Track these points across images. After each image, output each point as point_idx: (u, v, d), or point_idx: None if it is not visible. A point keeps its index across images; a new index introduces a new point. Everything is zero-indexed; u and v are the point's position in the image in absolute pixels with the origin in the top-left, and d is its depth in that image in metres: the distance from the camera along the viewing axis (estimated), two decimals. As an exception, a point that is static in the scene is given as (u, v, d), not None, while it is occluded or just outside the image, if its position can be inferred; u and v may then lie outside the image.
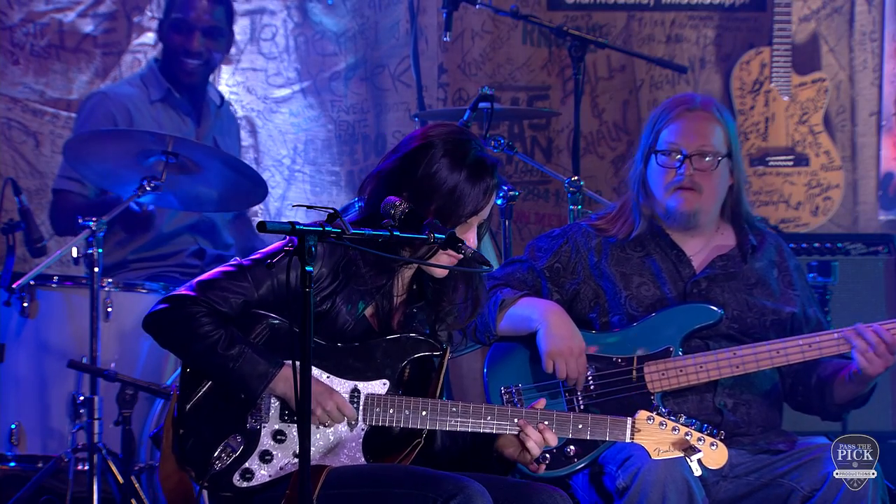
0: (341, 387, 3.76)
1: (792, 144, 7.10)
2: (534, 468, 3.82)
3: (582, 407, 4.47)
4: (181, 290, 3.71)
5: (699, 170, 4.52)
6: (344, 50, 7.04)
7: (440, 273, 3.83)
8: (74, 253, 5.29)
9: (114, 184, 5.61)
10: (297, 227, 3.36)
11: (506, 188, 5.44)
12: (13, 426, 5.42)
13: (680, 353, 4.47)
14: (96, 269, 5.26)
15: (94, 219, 5.26)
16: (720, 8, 7.20)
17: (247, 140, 6.99)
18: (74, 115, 6.72)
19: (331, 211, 3.48)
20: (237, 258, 3.84)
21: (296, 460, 3.68)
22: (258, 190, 5.69)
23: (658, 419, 3.82)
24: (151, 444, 5.27)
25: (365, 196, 3.84)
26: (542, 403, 3.83)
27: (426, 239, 3.63)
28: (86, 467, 5.20)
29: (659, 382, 4.44)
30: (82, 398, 5.25)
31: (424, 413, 3.75)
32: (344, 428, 3.76)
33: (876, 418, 5.91)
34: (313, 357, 3.39)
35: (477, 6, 6.12)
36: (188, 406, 3.70)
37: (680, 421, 3.83)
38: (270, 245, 3.82)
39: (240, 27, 6.88)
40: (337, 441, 3.75)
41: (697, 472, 3.85)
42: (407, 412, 3.75)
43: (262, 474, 3.70)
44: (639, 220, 4.60)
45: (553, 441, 3.78)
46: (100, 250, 5.27)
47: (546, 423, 3.78)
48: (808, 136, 7.10)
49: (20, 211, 5.54)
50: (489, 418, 3.77)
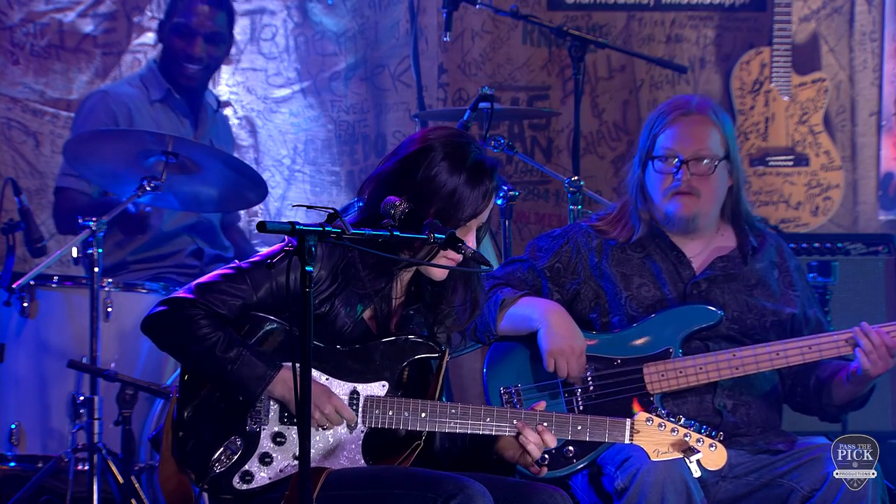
0: (340, 389, 3.76)
1: (792, 144, 7.10)
2: (535, 470, 3.82)
3: (581, 407, 4.47)
4: (179, 293, 3.71)
5: (696, 174, 4.52)
6: (344, 50, 7.03)
7: (439, 275, 3.82)
8: (74, 253, 5.29)
9: (114, 184, 5.61)
10: (297, 228, 3.36)
11: (506, 188, 5.43)
12: (13, 426, 5.42)
13: (680, 354, 4.46)
14: (96, 269, 5.26)
15: (94, 219, 5.26)
16: (720, 8, 7.20)
17: (247, 140, 6.98)
18: (74, 115, 6.73)
19: (331, 211, 3.48)
20: (236, 261, 3.84)
21: (295, 462, 3.68)
22: (258, 190, 5.68)
23: (657, 420, 3.82)
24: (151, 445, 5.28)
25: (364, 198, 3.83)
26: (542, 406, 3.83)
27: (426, 239, 3.62)
28: (86, 467, 5.20)
29: (658, 383, 4.44)
30: (82, 398, 5.25)
31: (424, 415, 3.75)
32: (343, 430, 3.75)
33: (876, 418, 5.91)
34: (312, 359, 3.39)
35: (477, 6, 6.11)
36: (187, 408, 3.70)
37: (679, 422, 3.82)
38: (272, 247, 3.82)
39: (240, 27, 6.88)
40: (336, 443, 3.74)
41: (697, 474, 3.84)
42: (406, 414, 3.75)
43: (262, 476, 3.70)
44: (638, 225, 4.60)
45: (552, 443, 3.78)
46: (100, 250, 5.27)
47: (545, 425, 3.77)
48: (808, 136, 7.09)
49: (20, 211, 5.54)
50: (488, 420, 3.77)
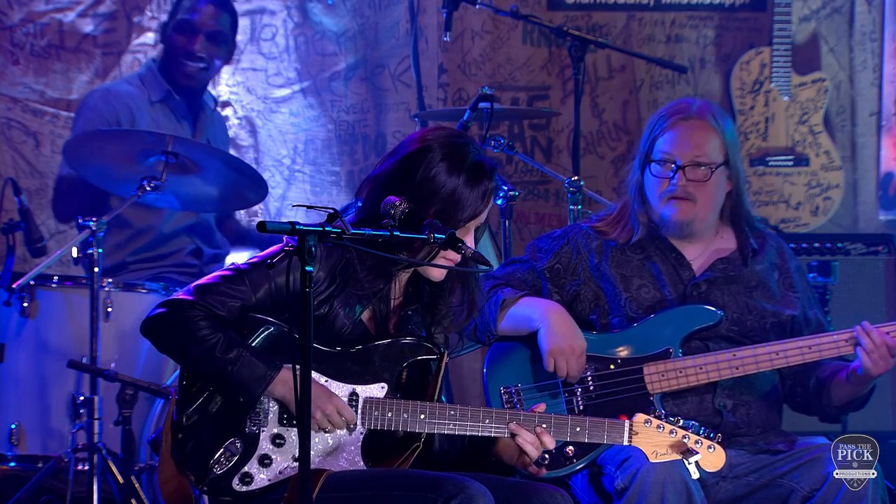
0: (339, 391, 3.75)
1: (792, 144, 7.09)
2: (534, 471, 3.82)
3: (581, 407, 4.46)
4: (179, 295, 3.70)
5: (693, 180, 4.51)
6: (344, 50, 7.03)
7: (438, 276, 3.81)
8: (74, 253, 5.29)
9: (114, 184, 5.61)
10: (297, 228, 3.36)
11: (506, 188, 5.43)
12: (13, 426, 5.42)
13: (680, 355, 4.46)
14: (96, 269, 5.26)
15: (94, 219, 5.26)
16: (720, 8, 7.20)
17: (247, 140, 6.98)
18: (74, 115, 6.73)
19: (331, 211, 3.47)
20: (234, 262, 3.84)
21: (295, 464, 3.67)
22: (258, 190, 5.69)
23: (655, 422, 3.81)
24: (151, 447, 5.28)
25: (362, 198, 3.83)
26: (542, 408, 3.83)
27: (426, 239, 3.62)
28: (86, 467, 5.20)
29: (658, 384, 4.44)
30: (82, 398, 5.25)
31: (423, 416, 3.74)
32: (343, 432, 3.75)
33: (876, 418, 5.91)
34: (312, 361, 3.39)
35: (477, 6, 6.11)
36: (187, 410, 3.69)
37: (677, 423, 3.82)
38: (270, 248, 3.81)
39: (240, 27, 6.87)
40: (336, 445, 3.74)
41: (695, 476, 3.83)
42: (405, 415, 3.75)
43: (262, 478, 3.69)
44: (638, 226, 4.59)
45: (550, 444, 3.77)
46: (100, 250, 5.27)
47: (543, 427, 3.77)
48: (808, 136, 7.09)
49: (20, 211, 5.54)
50: (487, 421, 3.76)
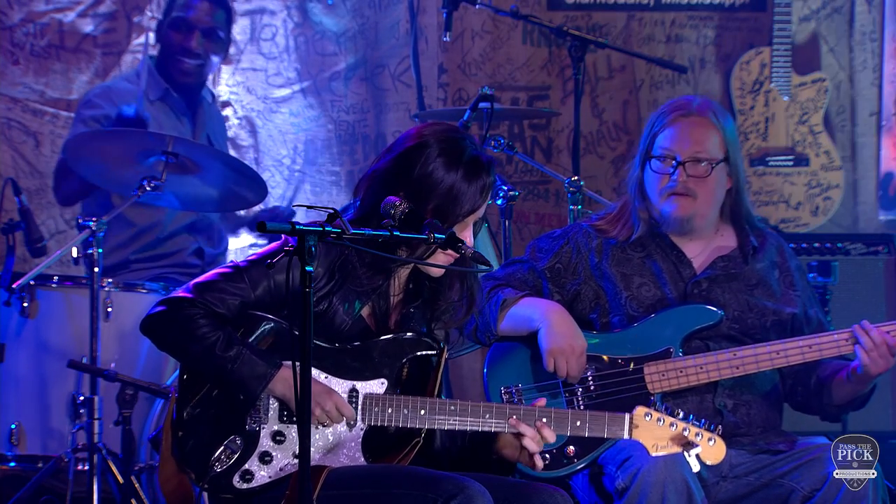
0: (339, 387, 3.75)
1: (792, 144, 7.10)
2: (533, 464, 3.80)
3: (582, 407, 4.46)
4: (178, 293, 3.70)
5: (693, 176, 4.52)
6: (344, 50, 7.03)
7: (437, 272, 3.82)
8: (74, 253, 5.29)
9: (114, 184, 5.61)
10: (297, 227, 3.36)
11: (506, 188, 5.43)
12: (13, 426, 5.42)
13: (680, 354, 4.46)
14: (96, 269, 5.26)
15: (94, 219, 5.26)
16: (720, 8, 7.20)
17: (247, 140, 6.98)
18: (75, 114, 6.72)
19: (331, 211, 3.47)
20: (233, 260, 3.84)
21: (295, 461, 3.67)
22: (258, 190, 5.69)
23: (656, 415, 3.81)
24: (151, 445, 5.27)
25: (360, 196, 3.83)
26: (543, 402, 3.83)
27: (426, 239, 3.62)
28: (86, 467, 5.20)
29: (659, 383, 4.44)
30: (82, 398, 5.25)
31: (423, 412, 3.74)
32: (343, 428, 3.75)
33: (876, 418, 5.91)
34: (311, 357, 3.38)
35: (477, 6, 6.11)
36: (187, 408, 3.69)
37: (678, 417, 3.83)
38: (268, 246, 3.82)
39: (240, 27, 6.88)
40: (336, 441, 3.74)
41: (696, 468, 3.84)
42: (405, 411, 3.75)
43: (262, 475, 3.69)
44: (638, 224, 4.60)
45: (551, 438, 3.77)
46: (100, 250, 5.27)
47: (544, 421, 3.77)
48: (808, 136, 7.09)
49: (20, 211, 5.54)
50: (487, 416, 3.76)
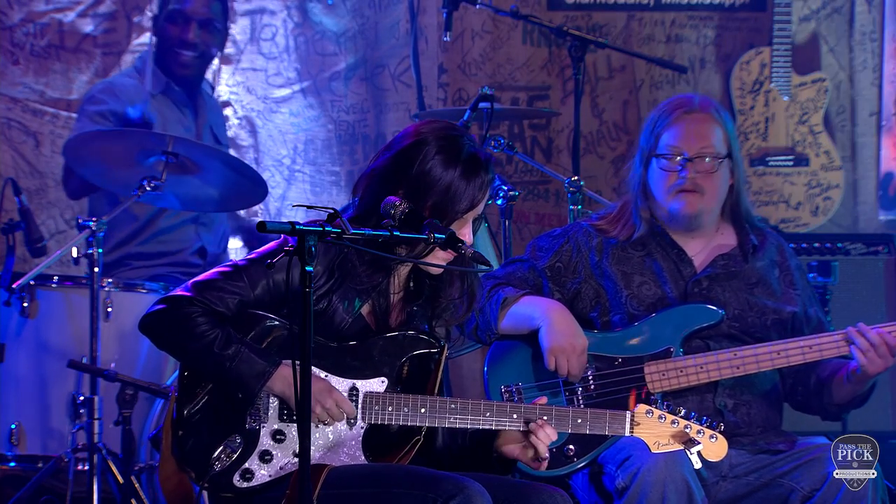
0: (339, 385, 3.75)
1: (792, 144, 7.10)
2: (535, 466, 3.81)
3: (582, 406, 4.46)
4: (177, 291, 3.70)
5: (701, 172, 4.52)
6: (344, 50, 7.03)
7: (437, 270, 3.81)
8: (74, 253, 5.29)
9: (114, 184, 5.61)
10: (297, 227, 3.36)
11: (506, 188, 5.42)
12: (13, 426, 5.42)
13: (681, 354, 4.46)
14: (96, 269, 5.26)
15: (94, 219, 5.26)
16: (720, 8, 7.20)
17: (247, 140, 6.98)
18: (75, 115, 6.72)
19: (331, 211, 3.47)
20: (233, 259, 3.83)
21: (296, 460, 3.67)
22: (258, 190, 5.68)
23: (657, 412, 3.81)
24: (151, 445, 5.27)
25: (359, 195, 3.82)
26: (544, 400, 3.83)
27: (426, 239, 3.62)
28: (86, 467, 5.20)
29: (659, 383, 4.44)
30: (82, 398, 5.25)
31: (423, 410, 3.74)
32: (343, 426, 3.75)
33: (876, 418, 5.91)
34: (311, 356, 3.38)
35: (477, 6, 6.11)
36: (187, 407, 3.69)
37: (679, 414, 3.83)
38: (267, 244, 3.81)
39: (240, 27, 6.88)
40: (336, 440, 3.74)
41: (697, 465, 3.84)
42: (406, 409, 3.74)
43: (262, 474, 3.69)
44: (639, 223, 4.60)
45: (553, 436, 3.77)
46: (100, 250, 5.27)
47: (545, 419, 3.77)
48: (808, 136, 7.09)
49: (20, 211, 5.54)
50: (488, 414, 3.76)
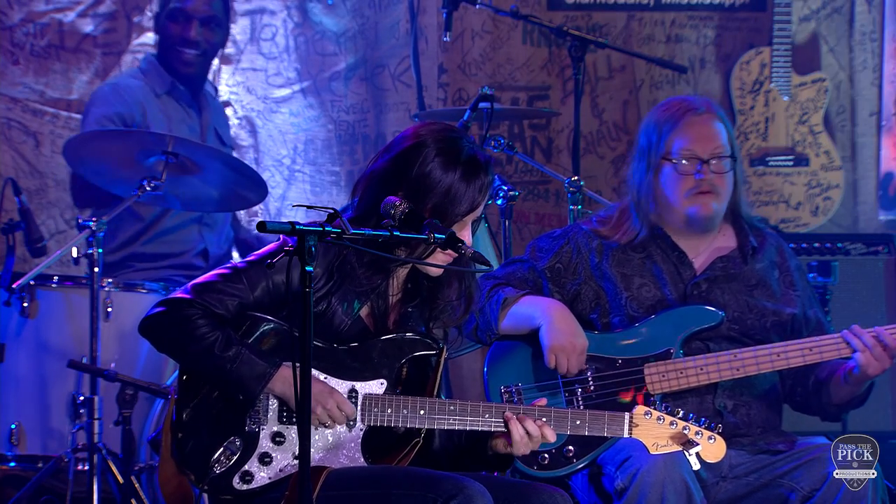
0: (339, 387, 3.75)
1: (792, 144, 7.09)
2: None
3: (582, 407, 4.46)
4: (176, 294, 3.70)
5: (716, 173, 4.52)
6: (344, 50, 7.03)
7: (436, 271, 3.81)
8: (74, 253, 5.29)
9: (114, 184, 5.61)
10: (297, 227, 3.36)
11: (506, 188, 5.42)
12: (13, 426, 5.42)
13: (681, 355, 4.46)
14: (96, 269, 5.26)
15: (94, 219, 5.26)
16: (720, 8, 7.20)
17: (247, 140, 6.98)
18: (75, 115, 6.73)
19: (331, 211, 3.47)
20: (232, 261, 3.83)
21: (295, 462, 3.67)
22: (258, 190, 5.68)
23: (655, 414, 3.82)
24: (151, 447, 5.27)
25: (357, 196, 3.82)
26: (543, 402, 3.83)
27: (426, 239, 3.62)
28: (86, 467, 5.20)
29: (659, 384, 4.44)
30: (82, 398, 5.25)
31: (423, 412, 3.74)
32: (343, 428, 3.75)
33: (876, 418, 5.91)
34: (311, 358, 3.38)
35: (477, 6, 6.11)
36: (186, 409, 3.69)
37: (677, 415, 3.83)
38: (266, 246, 3.81)
39: (240, 27, 6.88)
40: (336, 442, 3.74)
41: (696, 466, 3.84)
42: (405, 411, 3.75)
43: (262, 476, 3.69)
44: (641, 227, 4.58)
45: (552, 437, 3.77)
46: (100, 250, 5.27)
47: (544, 420, 3.77)
48: (808, 136, 7.09)
49: (20, 211, 5.55)
50: (487, 416, 3.76)
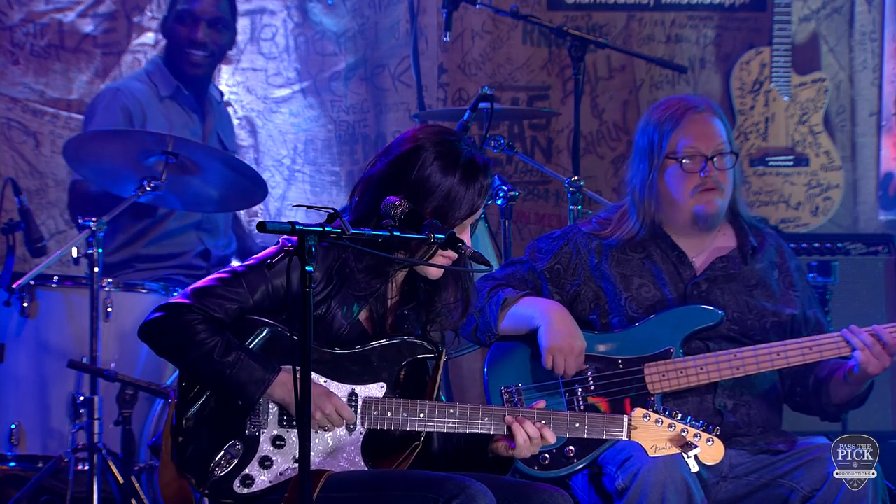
0: (338, 391, 3.75)
1: (792, 144, 7.10)
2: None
3: (582, 407, 4.46)
4: (176, 299, 3.69)
5: (719, 169, 4.53)
6: (344, 50, 7.03)
7: (435, 274, 3.80)
8: (74, 253, 5.29)
9: (114, 184, 5.61)
10: (297, 227, 3.35)
11: (506, 188, 5.42)
12: (13, 426, 5.42)
13: (681, 355, 4.46)
14: (96, 269, 5.26)
15: (94, 219, 5.26)
16: (720, 8, 7.20)
17: (247, 140, 6.98)
18: (75, 115, 6.74)
19: (331, 211, 3.47)
20: (231, 265, 3.83)
21: (295, 465, 3.67)
22: (258, 190, 5.68)
23: (654, 416, 3.82)
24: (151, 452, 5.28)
25: (356, 199, 3.80)
26: (542, 405, 3.83)
27: (426, 239, 3.61)
28: (86, 467, 5.20)
29: (659, 384, 4.44)
30: (82, 398, 5.26)
31: (422, 415, 3.74)
32: (342, 432, 3.75)
33: (876, 418, 5.92)
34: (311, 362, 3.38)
35: (477, 6, 6.11)
36: (186, 414, 3.69)
37: (676, 418, 3.84)
38: (265, 250, 3.81)
39: (240, 27, 6.86)
40: (336, 445, 3.74)
41: (695, 469, 3.85)
42: (405, 414, 3.74)
43: (263, 480, 3.69)
44: (641, 227, 4.58)
45: (552, 439, 3.77)
46: (100, 250, 5.27)
47: (543, 423, 3.77)
48: (808, 136, 7.09)
49: (20, 211, 5.55)
50: (486, 419, 3.76)
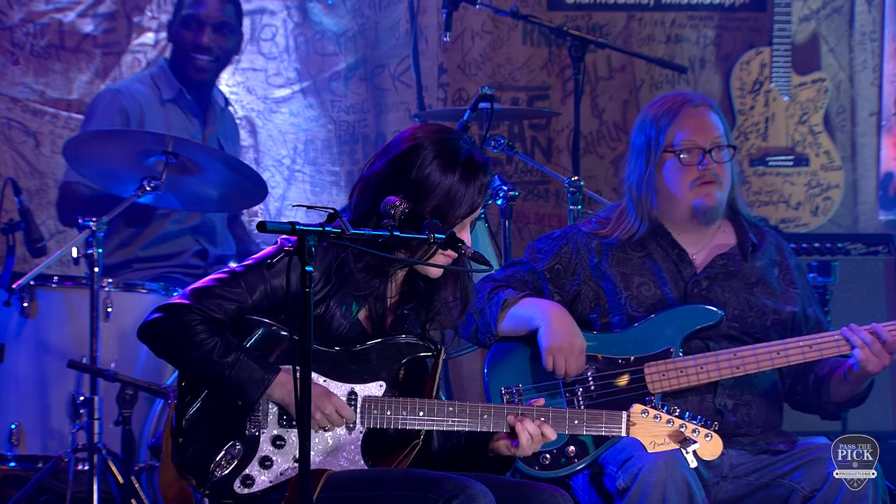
0: (338, 390, 3.75)
1: (792, 144, 7.10)
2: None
3: (582, 407, 4.46)
4: (175, 299, 3.69)
5: (717, 162, 4.53)
6: (344, 50, 7.03)
7: (435, 273, 3.80)
8: (74, 253, 5.29)
9: (114, 184, 5.61)
10: (297, 228, 3.35)
11: (506, 188, 5.42)
12: (13, 426, 5.42)
13: (680, 354, 4.47)
14: (96, 269, 5.26)
15: (94, 219, 5.26)
16: (720, 8, 7.20)
17: (247, 140, 6.98)
18: (75, 115, 6.74)
19: (331, 211, 3.47)
20: (230, 265, 3.82)
21: (296, 465, 3.67)
22: (258, 190, 5.69)
23: (653, 412, 3.83)
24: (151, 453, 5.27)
25: (355, 199, 3.80)
26: (541, 402, 3.83)
27: (426, 239, 3.61)
28: (86, 467, 5.20)
29: (659, 383, 4.44)
30: (82, 398, 5.25)
31: (422, 413, 3.74)
32: (342, 431, 3.75)
33: (876, 418, 5.92)
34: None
35: (477, 6, 6.11)
36: (186, 414, 3.69)
37: (674, 414, 3.84)
38: (263, 250, 3.80)
39: (240, 26, 6.89)
40: (336, 444, 3.74)
41: (693, 465, 3.85)
42: (404, 413, 3.75)
43: (263, 480, 3.69)
44: (640, 224, 4.58)
45: (552, 436, 3.78)
46: (100, 250, 5.27)
47: (542, 420, 3.77)
48: (808, 136, 7.09)
49: (20, 211, 5.54)
50: (486, 417, 3.76)
